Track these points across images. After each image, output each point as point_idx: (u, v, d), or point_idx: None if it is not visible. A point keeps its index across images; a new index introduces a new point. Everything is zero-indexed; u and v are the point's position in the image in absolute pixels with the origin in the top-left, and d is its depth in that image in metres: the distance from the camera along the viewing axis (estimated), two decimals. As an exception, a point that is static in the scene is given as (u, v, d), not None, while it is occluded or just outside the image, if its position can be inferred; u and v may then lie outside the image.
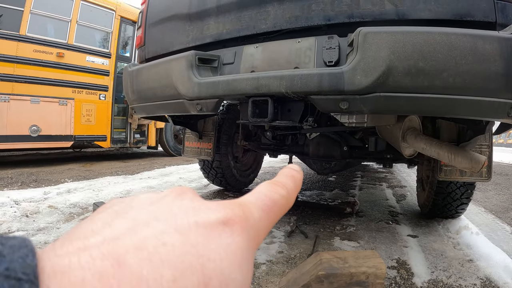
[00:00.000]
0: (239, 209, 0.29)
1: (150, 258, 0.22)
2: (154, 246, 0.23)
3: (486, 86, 1.72)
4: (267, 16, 2.40)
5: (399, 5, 1.98)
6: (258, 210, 0.31)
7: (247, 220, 0.29)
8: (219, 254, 0.25)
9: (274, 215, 0.33)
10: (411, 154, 2.77)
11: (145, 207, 0.28)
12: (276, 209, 0.33)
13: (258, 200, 0.32)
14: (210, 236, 0.26)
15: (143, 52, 3.19)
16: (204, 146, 4.06)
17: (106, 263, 0.21)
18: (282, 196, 0.34)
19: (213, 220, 0.27)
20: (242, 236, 0.28)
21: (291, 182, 0.37)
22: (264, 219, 0.31)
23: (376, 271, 1.90)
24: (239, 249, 0.27)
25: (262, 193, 0.33)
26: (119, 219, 0.26)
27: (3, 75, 6.91)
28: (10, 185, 5.35)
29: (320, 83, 1.90)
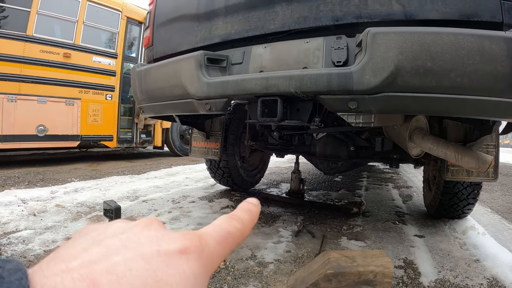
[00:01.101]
0: (196, 240, 0.33)
1: (119, 281, 0.26)
2: (123, 270, 0.27)
3: (493, 86, 1.72)
4: (276, 17, 2.41)
5: (406, 6, 1.99)
6: (213, 241, 0.35)
7: (202, 250, 0.33)
8: (175, 278, 0.29)
9: (229, 246, 0.37)
10: (418, 154, 2.77)
11: (117, 235, 0.32)
12: (231, 240, 0.37)
13: (215, 232, 0.37)
14: (169, 263, 0.30)
15: (151, 52, 3.21)
16: (211, 146, 4.08)
17: (84, 284, 0.25)
18: (237, 229, 0.38)
19: (172, 249, 0.31)
20: (197, 263, 0.32)
21: (247, 216, 0.41)
22: (219, 249, 0.36)
23: (384, 270, 1.91)
24: (192, 275, 0.31)
25: (218, 226, 0.38)
26: (95, 246, 0.30)
27: (10, 75, 6.96)
28: (17, 184, 5.39)
29: (329, 83, 1.91)
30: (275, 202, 4.69)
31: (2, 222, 3.32)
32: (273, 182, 6.55)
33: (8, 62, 6.94)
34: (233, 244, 0.38)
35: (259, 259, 2.73)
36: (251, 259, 2.72)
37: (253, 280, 2.37)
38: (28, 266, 0.25)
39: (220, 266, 2.58)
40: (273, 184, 6.37)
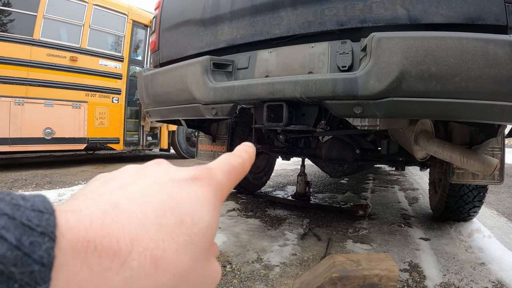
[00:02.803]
0: (206, 170, 0.36)
1: (137, 202, 0.28)
2: (140, 194, 0.29)
3: (498, 90, 1.72)
4: (281, 21, 2.42)
5: (411, 10, 2.00)
6: (221, 172, 0.38)
7: (211, 178, 0.35)
8: (190, 199, 0.31)
9: (234, 177, 0.40)
10: (423, 157, 2.78)
11: (131, 173, 0.34)
12: (235, 172, 0.40)
13: (221, 165, 0.39)
14: (182, 187, 0.32)
15: (157, 56, 3.23)
16: (217, 149, 4.09)
17: (106, 205, 0.27)
18: (238, 163, 0.41)
19: (184, 177, 0.33)
20: (208, 188, 0.34)
21: (245, 154, 0.43)
22: (226, 179, 0.38)
23: (389, 274, 1.92)
24: (206, 197, 0.33)
25: (223, 161, 0.40)
26: (111, 181, 0.32)
27: (17, 78, 7.01)
28: (24, 187, 5.43)
29: (335, 88, 1.92)
30: (281, 205, 4.70)
31: (10, 225, 3.34)
32: (279, 185, 6.55)
33: (15, 66, 6.99)
34: (238, 176, 0.40)
35: (265, 262, 2.75)
36: (257, 262, 2.74)
37: (259, 283, 2.39)
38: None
39: (227, 269, 2.59)
40: (279, 186, 6.38)
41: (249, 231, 3.48)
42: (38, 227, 0.22)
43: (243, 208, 4.45)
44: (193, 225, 0.30)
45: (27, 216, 0.22)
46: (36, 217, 0.23)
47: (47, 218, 0.23)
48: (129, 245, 0.26)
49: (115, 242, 0.25)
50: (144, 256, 0.26)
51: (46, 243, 0.22)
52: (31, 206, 0.23)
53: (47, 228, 0.23)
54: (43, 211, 0.23)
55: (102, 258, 0.24)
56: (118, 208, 0.27)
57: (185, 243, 0.29)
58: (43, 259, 0.22)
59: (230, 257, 2.82)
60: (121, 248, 0.25)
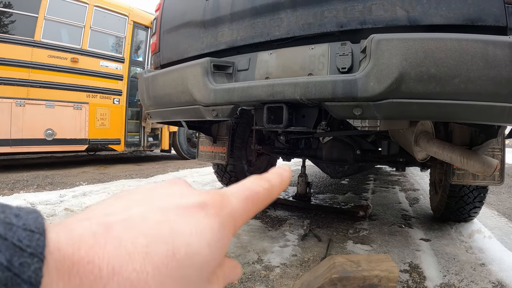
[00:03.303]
0: (217, 197, 0.34)
1: (131, 228, 0.28)
2: (138, 219, 0.29)
3: (498, 91, 1.73)
4: (281, 23, 2.43)
5: (410, 11, 2.00)
6: (237, 200, 0.35)
7: (222, 207, 0.33)
8: (190, 230, 0.30)
9: (254, 205, 0.37)
10: (423, 157, 2.78)
11: (144, 192, 0.34)
12: (256, 199, 0.37)
13: (240, 191, 0.36)
14: (186, 216, 0.30)
15: (158, 58, 3.24)
16: (218, 150, 4.10)
17: (99, 228, 0.27)
18: (264, 188, 0.38)
19: (191, 203, 0.32)
20: (215, 219, 0.32)
21: (277, 178, 0.41)
22: (242, 209, 0.35)
23: (389, 275, 1.92)
24: (209, 229, 0.31)
25: (244, 185, 0.37)
26: (120, 200, 0.32)
27: (18, 80, 7.03)
28: (26, 188, 5.44)
29: (334, 90, 1.93)
30: (281, 206, 4.70)
31: (11, 226, 3.35)
32: (279, 185, 6.54)
33: (16, 67, 7.01)
34: (259, 204, 0.38)
35: (265, 263, 2.75)
36: (257, 263, 2.74)
37: (259, 283, 2.39)
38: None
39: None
40: (279, 187, 6.36)
41: (250, 232, 3.48)
42: (28, 248, 0.23)
43: (244, 209, 4.44)
44: (187, 258, 0.29)
45: (18, 236, 0.23)
46: (27, 237, 0.23)
47: (37, 238, 0.24)
48: (111, 273, 0.25)
49: (97, 269, 0.25)
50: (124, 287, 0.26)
51: (35, 264, 0.23)
52: (23, 225, 0.24)
53: (37, 249, 0.23)
54: (34, 231, 0.24)
55: (82, 280, 0.25)
56: (109, 233, 0.27)
57: (173, 276, 0.28)
58: (31, 279, 0.22)
59: (230, 258, 2.82)
60: (102, 276, 0.25)
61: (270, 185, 0.39)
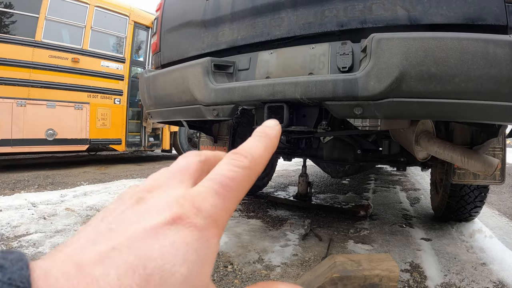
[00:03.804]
0: (188, 202, 0.30)
1: (102, 262, 0.26)
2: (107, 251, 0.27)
3: (498, 90, 1.72)
4: (281, 23, 2.42)
5: (411, 11, 2.00)
6: (212, 195, 0.31)
7: (196, 213, 0.30)
8: (161, 253, 0.27)
9: (234, 194, 0.32)
10: (424, 157, 2.78)
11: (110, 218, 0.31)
12: (235, 186, 0.32)
13: (213, 181, 0.32)
14: (156, 237, 0.28)
15: (158, 58, 3.24)
16: (219, 149, 4.06)
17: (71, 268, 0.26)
18: (242, 167, 0.33)
19: (161, 222, 0.29)
20: (190, 230, 0.29)
21: (260, 144, 0.36)
22: (220, 203, 0.31)
23: (389, 274, 1.92)
24: (183, 245, 0.28)
25: (218, 173, 0.32)
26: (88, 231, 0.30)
27: (19, 80, 7.04)
28: (27, 188, 5.44)
29: (335, 89, 1.93)
30: (282, 205, 4.71)
31: (12, 225, 3.36)
32: (280, 185, 6.56)
33: (17, 68, 7.02)
34: (240, 190, 0.33)
35: (266, 262, 2.75)
36: (258, 263, 2.74)
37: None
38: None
39: (228, 269, 2.60)
40: (280, 187, 6.38)
41: (251, 232, 3.48)
42: None
43: (244, 209, 4.46)
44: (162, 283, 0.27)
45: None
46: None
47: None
48: None
49: None
50: None
51: None
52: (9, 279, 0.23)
53: None
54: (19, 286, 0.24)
55: None
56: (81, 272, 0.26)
57: None
58: None
59: (231, 257, 2.82)
60: None
61: (250, 160, 0.34)
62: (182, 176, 0.35)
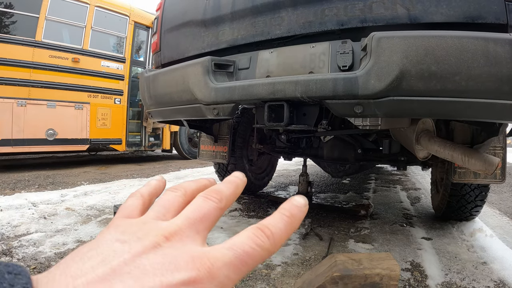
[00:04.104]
0: (205, 270, 0.31)
1: None
2: None
3: (499, 88, 1.72)
4: (281, 22, 2.42)
5: (411, 9, 1.99)
6: (228, 266, 0.32)
7: (211, 280, 0.31)
8: None
9: (247, 268, 0.33)
10: (425, 156, 2.78)
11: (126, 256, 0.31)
12: (250, 262, 0.33)
13: (232, 253, 0.33)
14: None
15: (159, 57, 3.24)
16: (219, 149, 4.09)
17: None
18: (262, 248, 0.34)
19: (176, 281, 0.29)
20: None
21: (283, 225, 0.36)
22: (233, 276, 0.32)
23: (390, 273, 1.92)
24: None
25: (239, 245, 0.33)
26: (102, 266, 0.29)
27: (20, 80, 7.04)
28: (27, 188, 5.44)
29: (335, 88, 1.92)
30: (283, 205, 4.69)
31: (13, 225, 3.36)
32: (281, 185, 6.56)
33: (17, 68, 7.03)
34: (252, 265, 0.33)
35: (266, 261, 2.74)
36: (258, 262, 2.73)
37: (260, 282, 2.39)
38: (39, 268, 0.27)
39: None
40: (281, 187, 6.38)
41: (251, 231, 3.48)
42: None
43: (245, 208, 4.45)
44: None
45: None
46: None
47: None
48: None
49: None
50: None
51: None
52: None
53: None
54: None
55: None
56: None
57: None
58: None
59: None
60: None
61: (272, 243, 0.34)
62: (200, 225, 0.36)
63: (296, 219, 0.37)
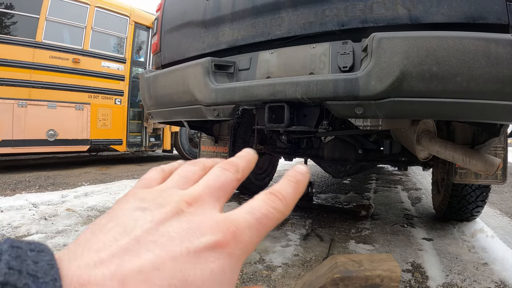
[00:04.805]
0: (231, 233, 0.32)
1: (145, 281, 0.27)
2: (150, 270, 0.27)
3: (500, 89, 1.71)
4: (282, 22, 2.42)
5: (412, 10, 1.99)
6: (251, 229, 0.33)
7: (237, 244, 0.31)
8: (202, 278, 0.29)
9: (265, 230, 0.34)
10: (426, 157, 2.77)
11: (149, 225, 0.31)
12: (269, 224, 0.34)
13: (252, 217, 0.34)
14: (197, 262, 0.29)
15: (159, 58, 3.24)
16: (220, 150, 4.09)
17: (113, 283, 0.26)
18: (277, 210, 0.35)
19: (203, 245, 0.30)
20: (227, 259, 0.31)
21: (292, 190, 0.38)
22: (255, 237, 0.33)
23: (391, 274, 1.91)
24: (221, 272, 0.30)
25: (257, 209, 0.34)
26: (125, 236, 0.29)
27: (20, 81, 7.05)
28: (28, 188, 5.44)
29: (336, 89, 1.92)
30: (283, 205, 4.69)
31: (13, 226, 3.36)
32: (281, 185, 6.53)
33: (18, 68, 7.03)
34: (271, 227, 0.35)
35: (267, 262, 2.74)
36: (259, 263, 2.73)
37: (261, 283, 2.39)
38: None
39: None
40: (281, 187, 6.35)
41: (252, 232, 3.47)
42: None
43: (245, 209, 4.44)
44: None
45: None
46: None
47: None
48: None
49: None
50: None
51: None
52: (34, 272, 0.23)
53: None
54: None
55: None
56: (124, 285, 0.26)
57: None
58: None
59: None
60: None
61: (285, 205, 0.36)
62: (219, 193, 0.37)
63: (301, 184, 0.40)
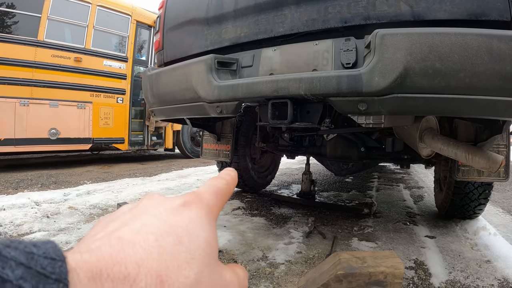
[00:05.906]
0: (194, 195, 0.40)
1: (138, 232, 0.33)
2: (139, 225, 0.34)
3: (503, 85, 1.71)
4: (285, 19, 2.42)
5: (414, 6, 1.99)
6: (208, 194, 0.42)
7: (200, 200, 0.40)
8: (184, 222, 0.35)
9: (221, 196, 0.44)
10: (428, 154, 2.77)
11: (128, 211, 0.38)
12: (221, 193, 0.44)
13: (207, 188, 0.44)
14: (175, 213, 0.36)
15: (161, 56, 3.24)
16: (222, 148, 4.09)
17: (111, 239, 0.31)
18: (223, 184, 0.46)
19: (176, 205, 0.38)
20: (199, 209, 0.38)
21: (228, 177, 0.48)
22: (214, 199, 0.42)
23: (394, 271, 1.92)
24: (198, 217, 0.37)
25: (209, 184, 0.45)
26: (113, 222, 0.36)
27: (22, 80, 7.05)
28: (30, 187, 5.46)
29: (339, 85, 1.92)
30: (286, 203, 4.70)
31: (16, 224, 3.37)
32: (284, 184, 6.55)
33: (20, 67, 7.04)
34: (224, 196, 0.45)
35: (270, 260, 2.75)
36: (262, 260, 2.74)
37: (264, 281, 2.39)
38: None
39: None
40: (284, 185, 6.38)
41: (254, 230, 3.48)
42: (52, 275, 0.25)
43: (248, 207, 4.45)
44: (191, 243, 0.34)
45: (41, 264, 0.25)
46: (50, 264, 0.25)
47: (60, 265, 0.26)
48: (136, 268, 0.29)
49: (123, 267, 0.29)
50: (150, 275, 0.30)
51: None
52: (44, 253, 0.26)
53: (61, 275, 0.25)
54: (56, 258, 0.26)
55: (114, 282, 0.28)
56: (122, 240, 0.31)
57: (186, 259, 0.33)
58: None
59: (235, 255, 2.82)
60: (129, 272, 0.29)
61: (227, 181, 0.47)
62: None
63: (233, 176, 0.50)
